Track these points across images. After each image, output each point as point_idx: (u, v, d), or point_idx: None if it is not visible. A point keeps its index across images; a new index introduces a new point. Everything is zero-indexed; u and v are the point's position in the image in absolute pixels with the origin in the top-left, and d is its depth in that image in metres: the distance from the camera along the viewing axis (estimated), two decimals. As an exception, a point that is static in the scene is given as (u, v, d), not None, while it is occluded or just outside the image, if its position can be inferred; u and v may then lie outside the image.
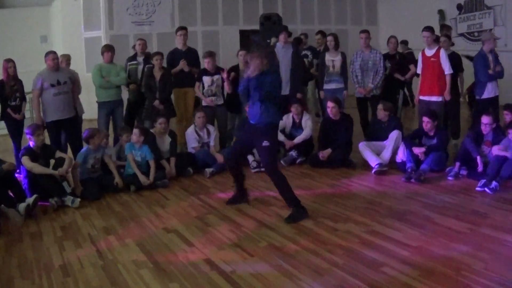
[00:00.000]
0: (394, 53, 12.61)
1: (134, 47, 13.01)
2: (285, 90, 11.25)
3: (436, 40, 10.93)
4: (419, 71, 10.89)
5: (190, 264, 6.24)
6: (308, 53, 14.26)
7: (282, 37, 11.88)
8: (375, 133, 10.58)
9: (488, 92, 10.69)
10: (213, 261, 6.27)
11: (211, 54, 11.58)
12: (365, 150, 10.13)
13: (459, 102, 11.88)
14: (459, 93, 11.73)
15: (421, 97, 10.72)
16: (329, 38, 11.96)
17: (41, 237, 7.43)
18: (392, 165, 9.96)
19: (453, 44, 12.82)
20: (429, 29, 10.52)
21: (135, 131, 9.71)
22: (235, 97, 10.66)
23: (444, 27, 14.61)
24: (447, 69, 10.40)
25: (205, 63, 11.54)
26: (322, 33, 14.46)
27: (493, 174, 8.55)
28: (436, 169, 9.48)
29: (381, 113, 10.46)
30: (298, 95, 11.68)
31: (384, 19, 22.66)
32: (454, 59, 11.05)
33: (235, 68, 11.76)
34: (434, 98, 10.48)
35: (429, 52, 10.55)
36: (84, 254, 6.70)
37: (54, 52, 10.38)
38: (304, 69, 13.03)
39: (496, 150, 8.78)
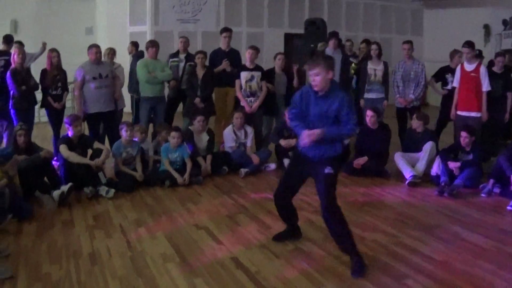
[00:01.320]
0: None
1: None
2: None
3: (478, 55, 10.82)
4: (456, 84, 10.72)
5: (216, 261, 6.30)
6: (354, 60, 14.20)
7: (332, 42, 11.92)
8: (410, 144, 10.53)
9: None
10: (239, 260, 6.33)
11: (255, 48, 11.57)
12: (400, 160, 10.08)
13: (503, 121, 11.66)
14: (505, 111, 11.40)
15: (459, 112, 10.57)
16: (374, 46, 11.95)
17: (73, 224, 7.56)
18: (425, 178, 9.90)
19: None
20: (468, 45, 10.41)
21: (174, 134, 9.76)
22: (271, 99, 10.73)
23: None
24: (485, 86, 10.29)
25: (246, 55, 11.50)
26: (367, 41, 14.41)
27: None
28: (469, 185, 9.38)
29: (415, 123, 10.41)
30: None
31: (429, 29, 22.53)
32: (507, 76, 10.90)
33: (270, 72, 11.76)
34: (473, 114, 10.37)
35: (469, 67, 10.43)
36: (113, 244, 6.81)
37: (97, 46, 10.53)
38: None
39: None
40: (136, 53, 13.18)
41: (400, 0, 22.44)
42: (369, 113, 10.49)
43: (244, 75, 11.30)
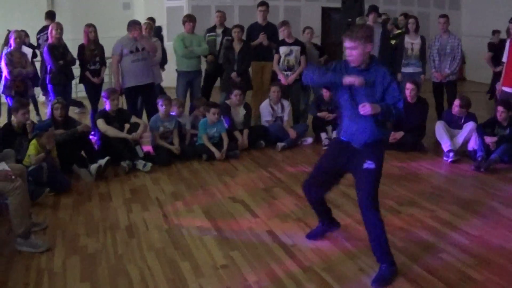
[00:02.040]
0: None
1: None
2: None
3: None
4: (505, 59, 10.30)
5: (252, 234, 6.33)
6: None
7: (371, 17, 11.84)
8: (449, 124, 10.25)
9: None
10: (275, 232, 6.35)
11: (284, 23, 11.50)
12: (441, 130, 9.94)
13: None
14: None
15: (504, 88, 10.13)
16: (411, 20, 11.81)
17: (110, 198, 7.63)
18: (462, 153, 9.81)
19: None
20: None
21: (214, 110, 9.75)
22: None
23: None
24: None
25: (280, 33, 11.50)
26: (405, 15, 14.27)
27: None
28: (506, 160, 9.29)
29: (457, 109, 10.13)
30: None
31: (468, 3, 22.20)
32: None
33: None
34: None
35: (519, 42, 10.14)
36: (150, 217, 6.87)
37: (140, 24, 10.56)
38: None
39: None
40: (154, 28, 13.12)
41: (439, -27, 22.16)
42: (409, 86, 10.37)
43: (283, 49, 11.26)
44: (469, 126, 9.81)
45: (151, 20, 13.09)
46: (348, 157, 5.48)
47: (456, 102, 10.14)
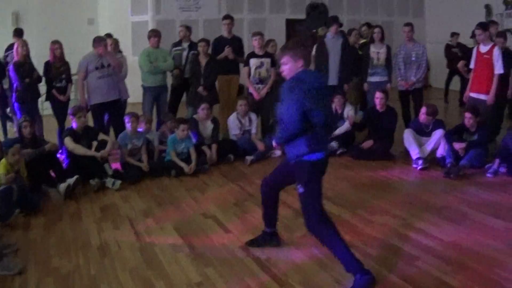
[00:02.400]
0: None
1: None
2: (333, 81, 11.36)
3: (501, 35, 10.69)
4: (472, 66, 10.62)
5: (226, 249, 6.32)
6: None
7: (333, 28, 11.87)
8: (417, 133, 10.30)
9: None
10: (249, 247, 6.32)
11: (260, 33, 11.54)
12: (409, 138, 10.05)
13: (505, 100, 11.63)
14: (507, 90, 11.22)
15: (471, 94, 10.46)
16: (376, 30, 12.02)
17: (80, 217, 7.57)
18: (431, 160, 9.88)
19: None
20: (480, 26, 10.34)
21: (183, 126, 9.73)
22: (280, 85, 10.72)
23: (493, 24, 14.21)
24: (497, 68, 10.09)
25: (253, 42, 11.48)
26: (368, 24, 14.38)
27: None
28: (475, 165, 9.39)
29: (424, 117, 10.20)
30: (345, 87, 11.76)
31: (431, 11, 22.40)
32: (507, 56, 10.67)
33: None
34: (482, 97, 10.23)
35: (484, 48, 10.27)
36: (122, 236, 6.82)
37: (105, 40, 10.56)
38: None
39: None
40: None
41: (401, -18, 22.35)
42: (378, 94, 10.52)
43: (253, 62, 11.28)
44: (438, 133, 9.94)
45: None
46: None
47: (423, 109, 10.26)
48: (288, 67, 5.28)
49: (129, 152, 9.56)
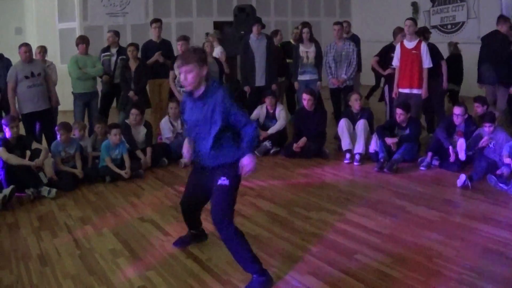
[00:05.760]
0: None
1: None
2: (261, 82, 11.45)
3: (417, 32, 10.91)
4: (396, 63, 10.82)
5: (166, 252, 6.34)
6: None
7: (255, 29, 11.94)
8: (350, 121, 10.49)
9: None
10: (188, 249, 6.37)
11: (185, 38, 11.57)
12: (343, 127, 10.25)
13: (443, 93, 12.01)
14: (441, 82, 11.47)
15: (401, 90, 10.71)
16: (305, 30, 12.12)
17: (18, 227, 7.48)
18: (364, 155, 10.06)
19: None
20: (412, 19, 10.64)
21: (115, 131, 9.69)
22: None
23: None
24: (427, 62, 10.43)
25: (177, 46, 11.58)
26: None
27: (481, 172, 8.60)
28: (408, 159, 9.66)
29: (355, 103, 10.46)
30: (273, 87, 11.86)
31: (357, 11, 22.73)
32: (432, 49, 10.94)
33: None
34: (415, 91, 10.53)
35: (410, 45, 10.54)
36: (61, 244, 6.77)
37: (27, 44, 10.38)
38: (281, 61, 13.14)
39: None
40: None
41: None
42: (305, 96, 10.64)
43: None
44: (360, 126, 10.17)
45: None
46: (208, 173, 5.56)
47: (354, 96, 10.59)
48: (193, 75, 5.26)
49: (63, 160, 9.48)
